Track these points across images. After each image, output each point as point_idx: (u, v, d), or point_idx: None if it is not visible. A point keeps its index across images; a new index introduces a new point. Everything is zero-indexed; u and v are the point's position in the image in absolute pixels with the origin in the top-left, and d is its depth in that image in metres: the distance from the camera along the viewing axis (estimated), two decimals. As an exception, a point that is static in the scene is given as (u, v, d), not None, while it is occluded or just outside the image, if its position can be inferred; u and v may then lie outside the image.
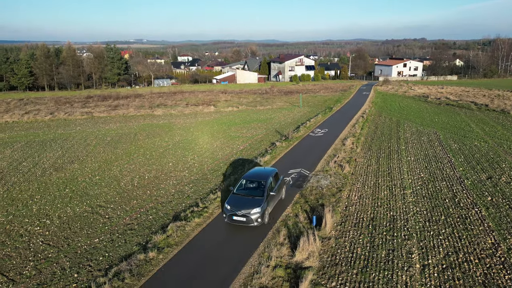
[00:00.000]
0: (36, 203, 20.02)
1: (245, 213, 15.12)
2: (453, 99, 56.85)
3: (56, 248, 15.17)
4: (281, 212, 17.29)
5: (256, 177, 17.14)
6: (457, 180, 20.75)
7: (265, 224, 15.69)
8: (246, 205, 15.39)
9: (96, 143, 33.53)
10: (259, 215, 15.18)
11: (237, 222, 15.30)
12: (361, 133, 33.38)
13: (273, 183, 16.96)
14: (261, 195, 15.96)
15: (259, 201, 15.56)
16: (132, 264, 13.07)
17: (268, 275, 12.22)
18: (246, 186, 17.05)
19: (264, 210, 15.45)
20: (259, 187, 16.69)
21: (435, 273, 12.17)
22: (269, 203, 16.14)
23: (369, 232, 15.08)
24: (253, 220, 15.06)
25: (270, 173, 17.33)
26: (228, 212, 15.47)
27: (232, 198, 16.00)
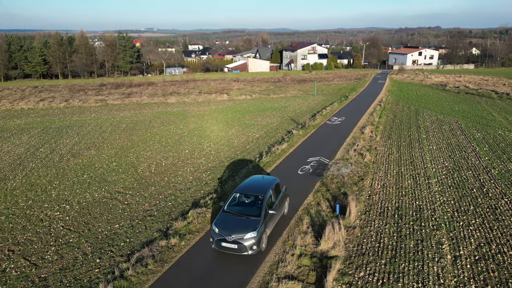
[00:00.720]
0: (55, 188, 20.01)
1: (236, 238, 11.93)
2: (472, 88, 55.33)
3: (77, 233, 15.10)
4: (302, 200, 16.91)
5: (252, 190, 13.83)
6: (484, 170, 20.05)
7: (262, 251, 12.57)
8: (238, 227, 12.20)
9: (111, 130, 33.49)
10: (254, 242, 11.93)
11: (226, 249, 12.09)
12: (379, 122, 32.64)
13: (273, 197, 13.79)
14: (257, 214, 12.69)
15: (254, 223, 12.33)
16: (154, 250, 12.88)
17: (293, 264, 11.90)
18: (240, 201, 13.74)
19: (261, 234, 12.24)
20: (255, 203, 13.37)
21: (467, 265, 11.69)
22: (268, 223, 12.95)
23: (395, 222, 14.62)
24: (246, 248, 11.86)
25: (270, 185, 14.11)
26: (215, 237, 12.23)
27: (221, 218, 12.75)
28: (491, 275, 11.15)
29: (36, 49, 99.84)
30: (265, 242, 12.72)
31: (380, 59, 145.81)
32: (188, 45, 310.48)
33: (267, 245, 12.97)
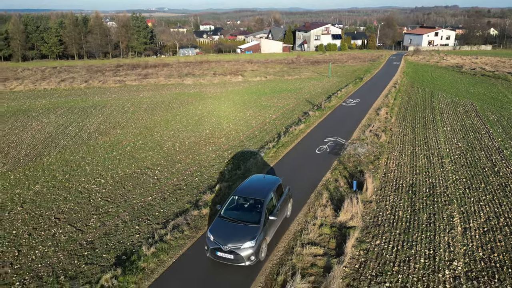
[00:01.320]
0: (88, 164, 21.46)
1: (233, 248, 10.94)
2: (488, 70, 54.89)
3: (114, 204, 16.51)
4: (321, 177, 17.99)
5: (251, 192, 12.69)
6: (496, 150, 20.77)
7: (261, 260, 11.57)
8: (235, 235, 11.19)
9: (133, 110, 34.79)
10: (253, 252, 10.93)
11: (222, 259, 11.12)
12: (394, 103, 33.21)
13: (274, 200, 12.68)
14: (256, 220, 11.63)
15: (253, 231, 11.30)
16: (187, 219, 14.21)
17: (315, 232, 13.09)
18: (238, 205, 12.63)
19: (260, 242, 11.19)
20: (255, 207, 12.24)
21: (476, 235, 12.72)
22: (268, 230, 11.90)
23: (409, 197, 15.64)
24: (243, 258, 10.89)
25: (272, 186, 12.97)
26: (210, 245, 11.25)
27: (217, 224, 11.74)
28: (498, 245, 12.17)
29: (52, 30, 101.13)
30: (264, 251, 11.66)
31: (395, 39, 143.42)
32: (199, 25, 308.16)
33: (291, 215, 13.25)
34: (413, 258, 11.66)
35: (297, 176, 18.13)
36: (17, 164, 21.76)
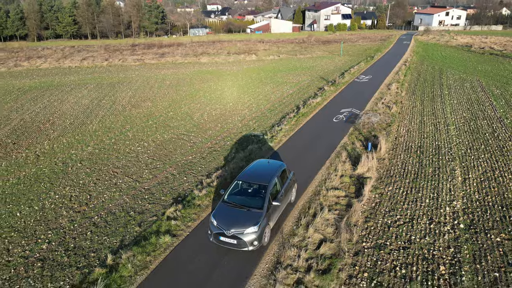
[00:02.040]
0: (129, 131, 24.03)
1: (236, 233, 11.02)
2: (497, 49, 56.03)
3: (160, 162, 19.12)
4: (339, 140, 20.37)
5: (255, 177, 12.65)
6: (497, 120, 22.91)
7: (264, 246, 11.60)
8: (238, 220, 11.25)
9: (158, 86, 37.16)
10: (256, 237, 10.99)
11: (225, 244, 11.19)
12: (404, 80, 35.15)
13: (278, 185, 12.64)
14: (260, 206, 11.65)
15: (256, 216, 11.34)
16: (227, 170, 16.74)
17: (336, 181, 15.58)
18: (242, 190, 12.59)
19: (263, 228, 11.25)
20: (258, 193, 12.23)
21: (474, 184, 15.12)
22: (272, 215, 11.96)
23: (417, 156, 18.01)
24: (246, 243, 10.95)
25: (276, 172, 12.90)
26: (214, 230, 11.33)
27: (220, 209, 11.81)
28: (491, 190, 14.57)
29: (66, 10, 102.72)
30: (267, 236, 11.72)
31: (405, 19, 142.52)
32: (206, 5, 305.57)
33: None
34: (419, 199, 14.12)
35: (317, 140, 20.54)
36: (65, 130, 24.43)
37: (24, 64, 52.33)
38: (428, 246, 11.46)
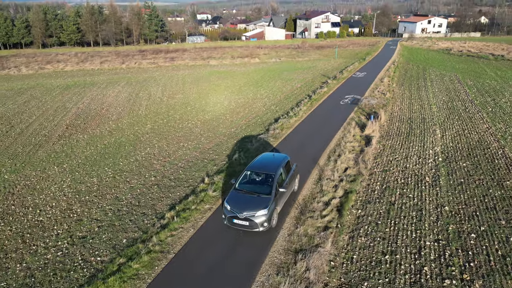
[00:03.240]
0: (174, 115, 29.38)
1: (248, 215, 12.43)
2: (473, 52, 63.14)
3: (211, 133, 24.54)
4: (347, 116, 26.16)
5: (262, 168, 14.17)
6: (469, 101, 29.08)
7: (272, 227, 12.94)
8: (249, 205, 12.65)
9: (182, 82, 42.59)
10: (266, 219, 12.41)
11: (238, 226, 12.64)
12: (394, 75, 41.40)
13: (283, 175, 14.10)
14: (268, 192, 13.11)
15: (265, 201, 12.77)
16: (268, 135, 22.30)
17: (351, 138, 21.32)
18: (251, 179, 14.02)
19: (271, 211, 12.67)
20: (266, 181, 13.70)
21: (449, 137, 21.02)
22: (278, 201, 13.39)
23: (408, 123, 23.90)
24: (258, 224, 12.38)
25: (281, 163, 14.42)
26: (228, 214, 12.73)
27: (233, 196, 13.22)
28: (461, 140, 20.47)
29: (70, 18, 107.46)
30: (275, 219, 13.01)
31: (390, 27, 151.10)
32: (196, 14, 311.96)
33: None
34: (411, 147, 19.92)
35: (330, 115, 26.32)
36: (121, 115, 29.67)
37: (48, 67, 57.10)
38: (418, 169, 17.23)
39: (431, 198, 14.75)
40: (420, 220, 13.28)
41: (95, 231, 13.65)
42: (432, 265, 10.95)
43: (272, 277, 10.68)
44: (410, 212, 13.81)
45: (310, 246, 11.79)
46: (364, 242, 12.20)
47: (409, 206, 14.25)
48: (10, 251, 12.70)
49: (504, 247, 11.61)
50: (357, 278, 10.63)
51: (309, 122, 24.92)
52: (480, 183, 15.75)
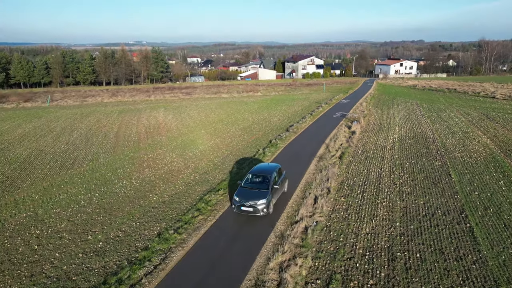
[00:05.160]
0: (216, 125, 41.34)
1: (252, 204, 16.68)
2: (434, 87, 78.31)
3: (247, 135, 36.49)
4: (339, 122, 38.69)
5: (261, 172, 18.74)
6: (421, 115, 42.20)
7: (270, 214, 17.37)
8: (253, 197, 16.96)
9: (209, 108, 54.94)
10: (265, 206, 16.74)
11: (245, 212, 16.93)
12: (370, 102, 54.92)
13: (276, 177, 18.51)
14: (266, 188, 17.48)
15: (264, 193, 17.10)
16: (283, 134, 34.49)
17: (342, 131, 33.68)
18: (253, 180, 18.44)
19: (269, 201, 17.02)
20: (264, 181, 18.12)
21: (403, 131, 33.66)
22: (274, 195, 17.77)
23: (379, 125, 36.58)
24: (259, 210, 16.66)
25: (274, 169, 18.95)
26: (236, 203, 17.07)
27: (240, 191, 17.59)
28: (411, 133, 33.09)
29: (86, 61, 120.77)
30: (271, 208, 17.53)
31: (368, 69, 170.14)
32: (186, 58, 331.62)
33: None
34: (380, 136, 32.36)
35: (328, 122, 38.88)
36: (177, 127, 41.47)
37: (88, 99, 68.89)
38: (383, 143, 29.54)
39: (389, 154, 26.98)
40: (382, 160, 25.41)
41: (210, 168, 25.17)
42: (387, 175, 22.97)
43: (315, 166, 22.46)
44: (377, 158, 25.95)
45: (326, 168, 23.64)
46: (354, 167, 24.16)
47: (377, 156, 26.41)
48: (158, 184, 24.12)
49: (424, 168, 23.77)
50: (351, 177, 22.50)
51: (314, 125, 37.41)
52: (417, 147, 28.14)
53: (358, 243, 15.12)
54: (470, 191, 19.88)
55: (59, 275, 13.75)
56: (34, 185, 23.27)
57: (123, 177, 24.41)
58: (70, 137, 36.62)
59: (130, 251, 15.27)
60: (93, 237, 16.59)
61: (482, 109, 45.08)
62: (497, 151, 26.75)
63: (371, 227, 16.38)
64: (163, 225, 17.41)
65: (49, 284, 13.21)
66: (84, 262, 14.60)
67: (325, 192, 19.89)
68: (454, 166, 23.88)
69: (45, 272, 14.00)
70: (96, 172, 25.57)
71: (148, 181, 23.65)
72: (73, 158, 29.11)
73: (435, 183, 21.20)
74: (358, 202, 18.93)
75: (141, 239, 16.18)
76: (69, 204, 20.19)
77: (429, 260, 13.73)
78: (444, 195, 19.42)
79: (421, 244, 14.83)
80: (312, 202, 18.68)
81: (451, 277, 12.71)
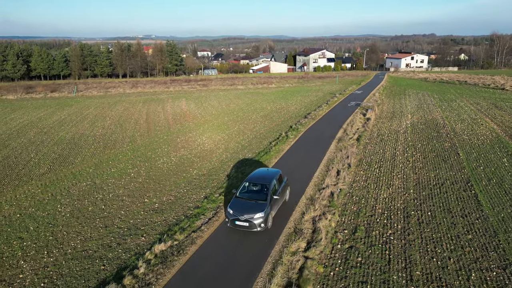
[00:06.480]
0: (238, 113, 44.01)
1: (248, 218, 14.52)
2: (445, 79, 79.90)
3: (268, 121, 39.10)
4: (354, 110, 41.09)
5: (259, 179, 16.46)
6: (432, 105, 44.36)
7: (269, 228, 15.13)
8: (249, 209, 14.78)
9: (228, 98, 57.64)
10: (262, 220, 14.55)
11: (239, 227, 14.69)
12: (383, 92, 57.10)
13: (276, 185, 16.35)
14: (264, 199, 15.30)
15: (262, 206, 14.93)
16: (302, 121, 37.04)
17: (358, 118, 36.14)
18: (249, 189, 16.20)
19: (267, 214, 14.85)
20: (262, 190, 15.88)
21: (415, 118, 35.97)
22: (273, 206, 15.57)
23: (392, 112, 38.91)
24: (256, 225, 14.47)
25: (274, 175, 16.72)
26: (230, 217, 14.86)
27: (234, 202, 15.40)
28: (423, 119, 35.39)
29: (103, 54, 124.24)
30: (270, 221, 15.22)
31: (378, 63, 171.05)
32: (197, 52, 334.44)
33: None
34: (394, 123, 34.75)
35: (343, 110, 41.31)
36: (201, 115, 44.25)
37: (111, 91, 72.11)
38: (396, 128, 31.96)
39: (402, 137, 29.43)
40: (396, 142, 27.89)
41: (239, 148, 27.93)
42: (401, 153, 25.47)
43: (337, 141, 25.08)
44: (391, 140, 28.42)
45: (345, 148, 26.20)
46: (370, 148, 26.69)
47: (391, 139, 28.89)
48: (195, 161, 26.94)
49: (435, 148, 26.21)
50: (368, 155, 25.05)
51: (331, 113, 39.93)
52: (428, 131, 30.53)
53: (377, 205, 17.73)
54: (476, 166, 22.31)
55: (129, 226, 16.65)
56: (85, 161, 26.28)
57: (162, 155, 27.30)
58: (104, 123, 39.67)
59: (184, 209, 18.13)
60: (149, 200, 19.48)
61: (491, 99, 47.05)
62: (502, 134, 29.01)
63: (388, 193, 18.96)
64: (207, 191, 20.23)
65: (123, 232, 16.10)
66: (146, 217, 17.48)
67: (346, 166, 22.49)
68: (462, 146, 26.25)
69: (116, 224, 16.91)
70: (137, 151, 28.49)
71: (186, 158, 26.48)
72: (113, 140, 32.10)
73: (444, 160, 23.64)
74: (375, 175, 21.50)
75: (191, 201, 19.02)
76: (121, 176, 23.13)
77: (438, 217, 16.30)
78: (453, 169, 21.89)
79: (431, 206, 17.38)
80: (335, 174, 21.30)
81: (457, 229, 15.26)
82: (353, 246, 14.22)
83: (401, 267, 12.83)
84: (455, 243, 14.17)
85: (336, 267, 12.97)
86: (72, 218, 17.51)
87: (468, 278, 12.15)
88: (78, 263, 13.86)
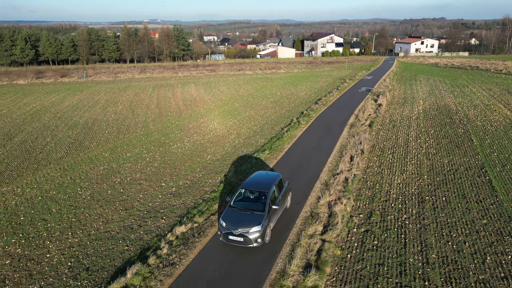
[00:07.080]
0: (248, 99, 44.07)
1: (242, 232, 12.82)
2: (456, 65, 78.78)
3: (279, 107, 39.17)
4: (365, 96, 40.94)
5: (256, 186, 14.65)
6: (444, 90, 43.98)
7: (266, 243, 13.39)
8: (244, 222, 13.08)
9: (237, 84, 57.57)
10: (259, 235, 12.84)
11: (233, 242, 13.02)
12: (393, 78, 56.59)
13: (276, 192, 14.59)
14: (261, 209, 13.59)
15: (259, 218, 13.22)
16: (313, 107, 37.02)
17: (369, 104, 36.03)
18: (245, 197, 14.53)
19: (265, 228, 13.10)
20: (259, 199, 14.19)
21: (427, 104, 35.77)
22: (271, 217, 13.83)
23: (403, 98, 38.70)
24: (251, 240, 12.78)
25: (273, 181, 14.96)
26: (223, 230, 13.15)
27: (228, 213, 13.64)
28: (435, 105, 35.20)
29: (110, 39, 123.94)
30: (268, 235, 13.47)
31: (387, 48, 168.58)
32: (203, 36, 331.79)
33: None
34: (405, 108, 34.61)
35: (354, 96, 41.16)
36: (212, 100, 44.38)
37: (120, 76, 72.28)
38: (408, 114, 31.87)
39: (414, 123, 29.38)
40: (409, 128, 27.88)
41: (251, 134, 28.14)
42: (413, 139, 25.51)
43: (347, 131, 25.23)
44: (404, 126, 28.41)
45: (358, 134, 26.29)
46: (383, 134, 26.74)
47: (404, 125, 28.86)
48: (208, 146, 27.22)
49: (448, 134, 26.18)
50: (381, 141, 25.13)
51: (342, 99, 39.82)
52: (441, 117, 30.41)
53: (391, 190, 17.93)
54: (490, 152, 22.32)
55: (148, 209, 17.08)
56: (100, 146, 26.70)
57: (176, 140, 27.64)
58: (116, 108, 40.01)
59: (201, 193, 18.50)
60: (166, 184, 19.88)
61: (504, 85, 46.46)
62: (516, 121, 28.84)
63: (402, 179, 19.13)
64: (222, 175, 20.56)
65: (142, 215, 16.54)
66: (165, 200, 17.90)
67: (359, 152, 22.63)
68: (476, 133, 26.19)
69: (135, 207, 17.34)
70: (150, 136, 28.84)
71: (199, 144, 26.79)
72: (126, 125, 32.47)
73: (458, 146, 23.66)
74: (389, 161, 21.63)
75: (207, 185, 19.38)
76: (137, 160, 23.53)
77: (453, 202, 16.48)
78: (466, 155, 21.93)
79: (446, 191, 17.54)
80: (348, 159, 21.48)
81: (472, 214, 15.45)
82: (368, 230, 14.50)
83: (417, 250, 13.11)
84: (470, 228, 14.39)
85: (353, 250, 13.29)
86: (93, 201, 17.98)
87: (484, 261, 12.40)
88: (102, 243, 14.34)
